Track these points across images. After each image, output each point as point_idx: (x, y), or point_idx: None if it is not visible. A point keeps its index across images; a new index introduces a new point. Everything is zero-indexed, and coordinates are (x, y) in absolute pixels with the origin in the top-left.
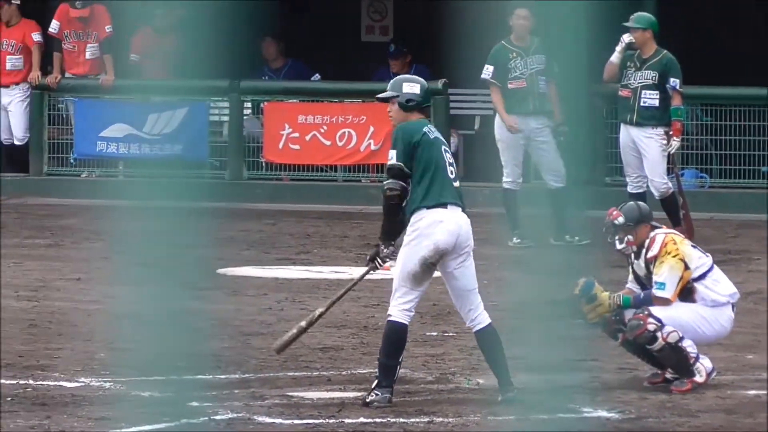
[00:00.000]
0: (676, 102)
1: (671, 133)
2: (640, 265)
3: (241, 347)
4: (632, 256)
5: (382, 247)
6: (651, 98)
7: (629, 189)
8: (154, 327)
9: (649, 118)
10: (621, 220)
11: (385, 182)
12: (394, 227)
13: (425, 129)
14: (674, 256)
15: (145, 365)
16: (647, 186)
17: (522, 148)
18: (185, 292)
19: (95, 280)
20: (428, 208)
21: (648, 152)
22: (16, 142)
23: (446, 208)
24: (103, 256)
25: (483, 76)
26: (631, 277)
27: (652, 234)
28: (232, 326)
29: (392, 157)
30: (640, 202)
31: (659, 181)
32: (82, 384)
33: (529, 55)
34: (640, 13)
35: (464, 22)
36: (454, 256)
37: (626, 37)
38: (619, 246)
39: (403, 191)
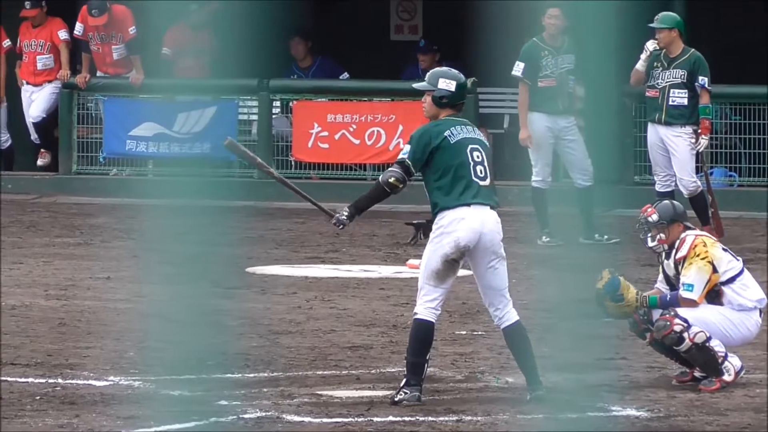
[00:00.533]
0: (705, 100)
1: (700, 131)
2: (669, 265)
3: (270, 346)
4: (663, 255)
5: (344, 211)
6: (680, 97)
7: (657, 188)
8: (184, 326)
9: (677, 116)
10: (655, 217)
11: (390, 168)
12: (369, 205)
13: (448, 132)
14: (702, 258)
15: (175, 364)
16: (675, 185)
17: (551, 147)
18: (214, 290)
19: (125, 278)
20: (450, 208)
21: (677, 151)
22: (30, 120)
23: (469, 207)
24: (132, 255)
25: (514, 72)
26: (661, 276)
27: (683, 235)
28: (261, 325)
29: (405, 152)
30: (675, 202)
31: (688, 180)
32: (111, 383)
33: (560, 54)
34: (665, 13)
35: (493, 21)
36: (482, 256)
37: (650, 44)
38: (650, 243)
39: (403, 184)
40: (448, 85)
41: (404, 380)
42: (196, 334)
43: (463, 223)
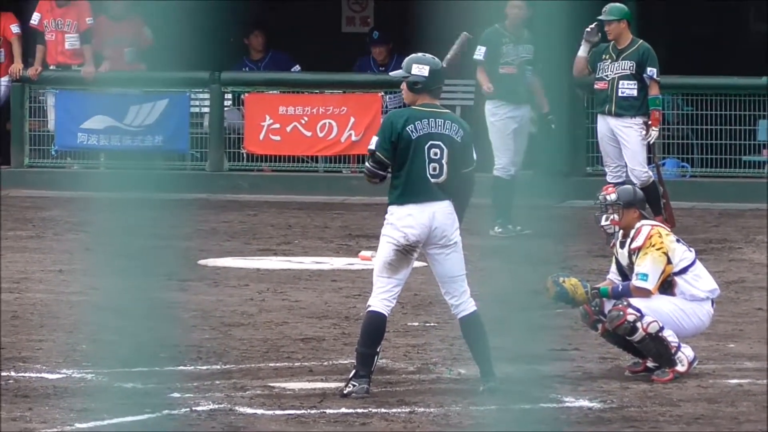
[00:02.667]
0: (654, 91)
1: (650, 122)
2: (623, 255)
3: (222, 338)
4: (617, 245)
5: None
6: (629, 88)
7: (609, 179)
8: (136, 318)
9: (627, 108)
10: (613, 197)
11: (366, 163)
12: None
13: (411, 126)
14: (658, 249)
15: (127, 356)
16: (627, 175)
17: (512, 136)
18: (167, 283)
19: (77, 271)
20: (399, 204)
21: (628, 142)
22: None
23: (417, 204)
24: (85, 248)
25: (475, 56)
26: (613, 267)
27: (638, 224)
28: (213, 317)
29: (371, 143)
30: (637, 189)
31: (640, 170)
32: (64, 375)
33: (520, 44)
34: (613, 4)
35: (444, 13)
36: (435, 247)
37: (588, 30)
38: (603, 222)
39: (378, 178)
40: (421, 70)
41: (353, 371)
42: (149, 327)
43: (411, 219)
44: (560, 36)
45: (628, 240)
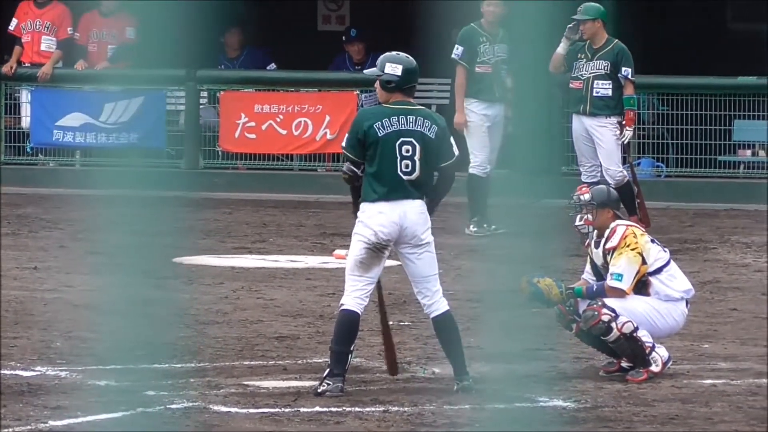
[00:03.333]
0: (629, 91)
1: (624, 122)
2: (598, 255)
3: (197, 336)
4: (592, 245)
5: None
6: (604, 88)
7: (583, 178)
8: (111, 316)
9: (602, 107)
10: (587, 197)
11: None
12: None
13: (378, 123)
14: (633, 249)
15: (102, 354)
16: (601, 175)
17: (487, 133)
18: (142, 280)
19: (52, 268)
20: (371, 202)
21: (602, 141)
22: None
23: (388, 201)
24: (60, 245)
25: (453, 55)
26: (588, 267)
27: (613, 224)
28: (188, 315)
29: (343, 143)
30: (611, 188)
31: (614, 170)
32: (39, 373)
33: (496, 43)
34: (588, 4)
35: (421, 13)
36: (406, 246)
37: (570, 27)
38: (577, 222)
39: (353, 175)
40: (394, 69)
41: (327, 370)
42: (124, 325)
43: (382, 217)
44: (537, 35)
45: (603, 240)
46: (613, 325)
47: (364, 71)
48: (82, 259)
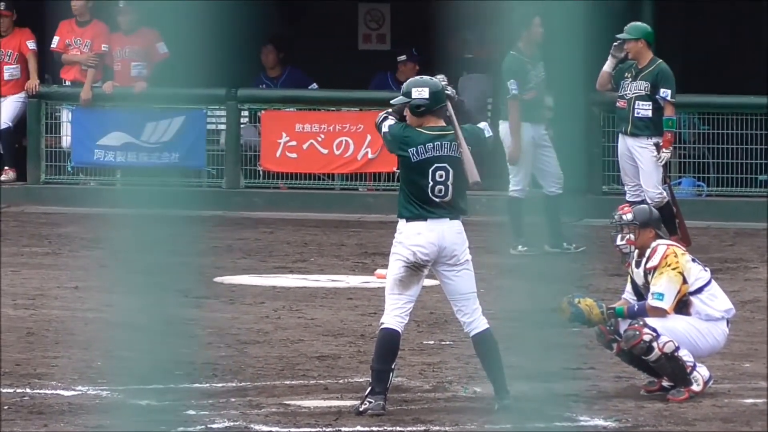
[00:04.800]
0: (668, 113)
1: (661, 144)
2: (639, 274)
3: (237, 355)
4: (633, 264)
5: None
6: (644, 109)
7: (628, 198)
8: (152, 335)
9: (643, 128)
10: (629, 216)
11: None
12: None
13: (413, 150)
14: (674, 269)
15: (143, 374)
16: (643, 195)
17: (531, 156)
18: (183, 300)
19: (93, 288)
20: (407, 219)
21: (642, 162)
22: None
23: (426, 221)
24: (100, 265)
25: (513, 92)
26: (628, 287)
27: (654, 244)
28: (229, 335)
29: (387, 127)
30: (653, 209)
31: (653, 192)
32: (80, 392)
33: (536, 64)
34: (633, 24)
35: (462, 28)
36: (445, 265)
37: (615, 45)
38: (618, 242)
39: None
40: (420, 93)
41: (369, 389)
42: (164, 344)
43: (420, 238)
44: (576, 48)
45: (644, 259)
46: (654, 344)
47: (391, 101)
48: (123, 278)
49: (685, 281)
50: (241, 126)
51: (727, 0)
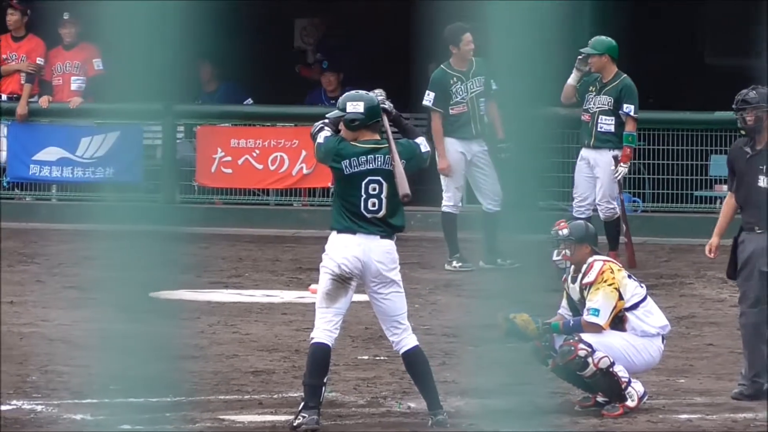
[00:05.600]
0: (629, 128)
1: (619, 158)
2: (575, 290)
3: (173, 370)
4: (569, 280)
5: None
6: (607, 123)
7: (574, 213)
8: (87, 350)
9: (605, 141)
10: (565, 232)
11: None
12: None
13: (347, 162)
14: (610, 285)
15: (78, 388)
16: (593, 211)
17: (463, 172)
18: (118, 315)
19: (29, 303)
20: (338, 231)
21: (602, 175)
22: None
23: (354, 235)
24: (36, 280)
25: (425, 102)
26: (564, 302)
27: (590, 259)
28: (165, 349)
29: (320, 138)
30: (589, 224)
31: (606, 205)
32: (15, 407)
33: (469, 79)
34: (598, 38)
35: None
36: (372, 284)
37: (579, 59)
38: (554, 257)
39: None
40: (355, 107)
41: (302, 404)
42: (100, 359)
43: (346, 251)
44: (523, 63)
45: (580, 275)
46: (590, 360)
47: (327, 115)
48: (59, 293)
49: (621, 297)
50: (177, 141)
51: (665, 16)
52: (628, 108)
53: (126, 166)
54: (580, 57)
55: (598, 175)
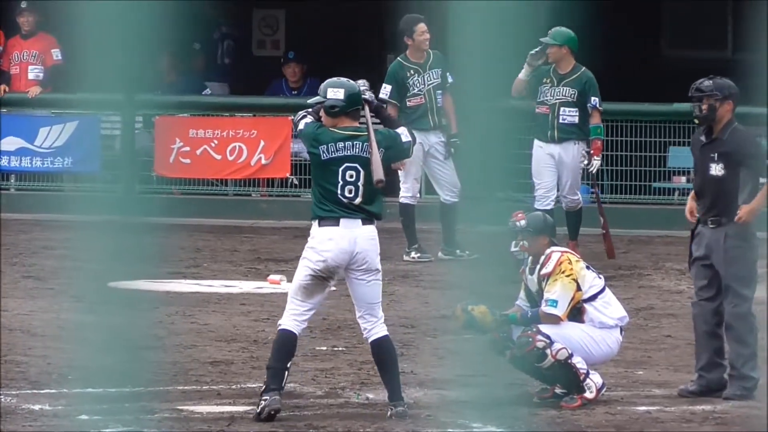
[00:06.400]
0: (596, 120)
1: (591, 152)
2: (533, 281)
3: (131, 360)
4: (527, 271)
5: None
6: (570, 115)
7: (536, 205)
8: (45, 340)
9: (569, 133)
10: (522, 223)
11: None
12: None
13: (324, 147)
14: (568, 276)
15: (36, 378)
16: (555, 203)
17: (420, 163)
18: (76, 305)
19: None
20: (320, 220)
21: (567, 167)
22: None
23: (338, 224)
24: None
25: (381, 95)
26: (522, 293)
27: (548, 251)
28: (123, 340)
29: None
30: (548, 216)
31: (571, 197)
32: None
33: (426, 71)
34: (558, 29)
35: (358, 37)
36: (356, 271)
37: (532, 54)
38: (512, 248)
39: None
40: (336, 94)
41: (264, 387)
42: (58, 348)
43: (332, 243)
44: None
45: (538, 266)
46: (548, 351)
47: (308, 101)
48: (17, 283)
49: (579, 288)
50: (136, 131)
51: (624, 8)
52: (595, 100)
53: (84, 156)
54: (532, 52)
55: (563, 168)
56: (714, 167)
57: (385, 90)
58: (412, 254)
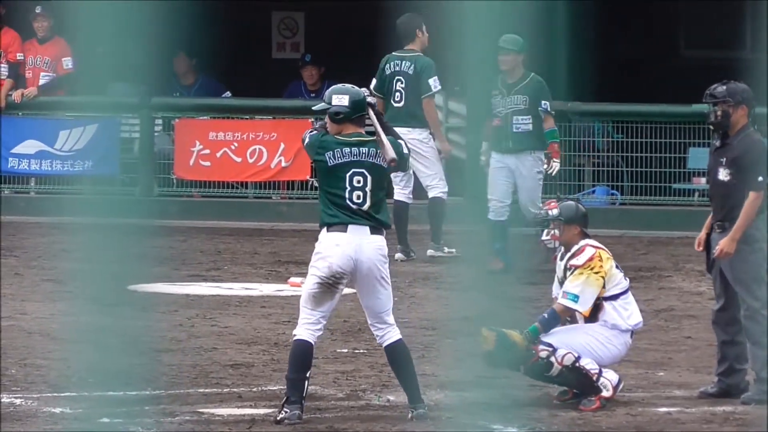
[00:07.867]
0: (549, 124)
1: (551, 155)
2: (560, 267)
3: (151, 363)
4: (558, 257)
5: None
6: (524, 123)
7: (490, 216)
8: (66, 343)
9: (525, 142)
10: (555, 212)
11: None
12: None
13: (330, 153)
14: (596, 273)
15: (56, 381)
16: (508, 214)
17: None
18: (96, 308)
19: (6, 296)
20: (329, 227)
21: (526, 178)
22: None
23: (346, 231)
24: (14, 273)
25: (435, 88)
26: (556, 282)
27: (582, 242)
28: (142, 342)
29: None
30: (580, 205)
31: (533, 211)
32: None
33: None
34: (511, 36)
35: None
36: (362, 280)
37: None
38: (543, 237)
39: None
40: (340, 100)
41: (285, 398)
42: (78, 352)
43: (338, 250)
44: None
45: (568, 254)
46: (553, 359)
47: (312, 108)
48: (37, 286)
49: (603, 286)
50: (155, 134)
51: (641, 8)
52: (546, 104)
53: (104, 159)
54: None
55: (520, 181)
56: (722, 172)
57: (437, 82)
58: (396, 255)
